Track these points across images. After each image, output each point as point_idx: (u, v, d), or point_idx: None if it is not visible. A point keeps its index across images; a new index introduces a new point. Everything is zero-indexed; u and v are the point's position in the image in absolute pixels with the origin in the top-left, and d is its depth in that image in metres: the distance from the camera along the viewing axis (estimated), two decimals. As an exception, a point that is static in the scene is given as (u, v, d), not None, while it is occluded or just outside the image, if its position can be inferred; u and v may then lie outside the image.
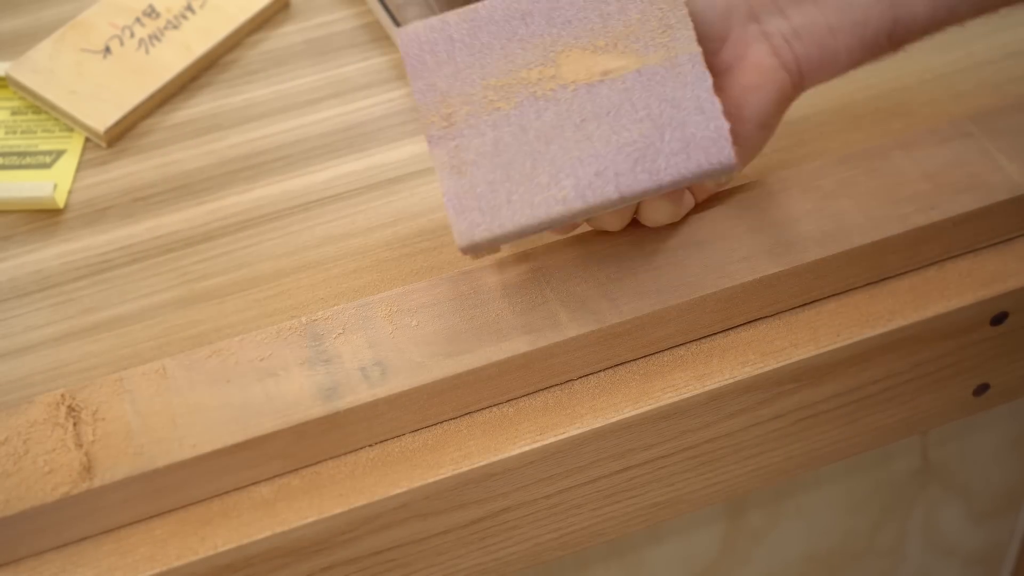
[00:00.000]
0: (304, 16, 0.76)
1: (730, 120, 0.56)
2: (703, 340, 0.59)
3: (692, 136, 0.54)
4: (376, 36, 0.75)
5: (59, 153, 0.69)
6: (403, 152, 0.68)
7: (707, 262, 0.58)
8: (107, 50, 0.72)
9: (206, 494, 0.54)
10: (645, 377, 0.58)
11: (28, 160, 0.69)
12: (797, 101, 0.60)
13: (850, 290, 0.61)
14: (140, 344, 0.60)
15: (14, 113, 0.71)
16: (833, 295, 0.61)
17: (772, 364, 0.58)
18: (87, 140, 0.70)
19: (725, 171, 0.54)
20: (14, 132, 0.70)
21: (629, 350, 0.58)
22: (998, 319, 0.62)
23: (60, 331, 0.61)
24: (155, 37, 0.73)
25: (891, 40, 0.57)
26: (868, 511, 0.80)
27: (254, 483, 0.55)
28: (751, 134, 0.57)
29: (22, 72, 0.71)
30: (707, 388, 0.57)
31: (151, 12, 0.74)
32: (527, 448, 0.56)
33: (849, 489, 0.77)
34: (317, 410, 0.54)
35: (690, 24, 0.55)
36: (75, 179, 0.68)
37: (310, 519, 0.54)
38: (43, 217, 0.66)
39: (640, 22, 0.56)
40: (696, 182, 0.55)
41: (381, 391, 0.54)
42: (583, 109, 0.55)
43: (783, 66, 0.57)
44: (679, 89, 0.55)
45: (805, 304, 0.61)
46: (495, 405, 0.57)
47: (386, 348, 0.56)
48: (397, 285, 0.61)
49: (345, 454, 0.56)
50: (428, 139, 0.55)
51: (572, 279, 0.58)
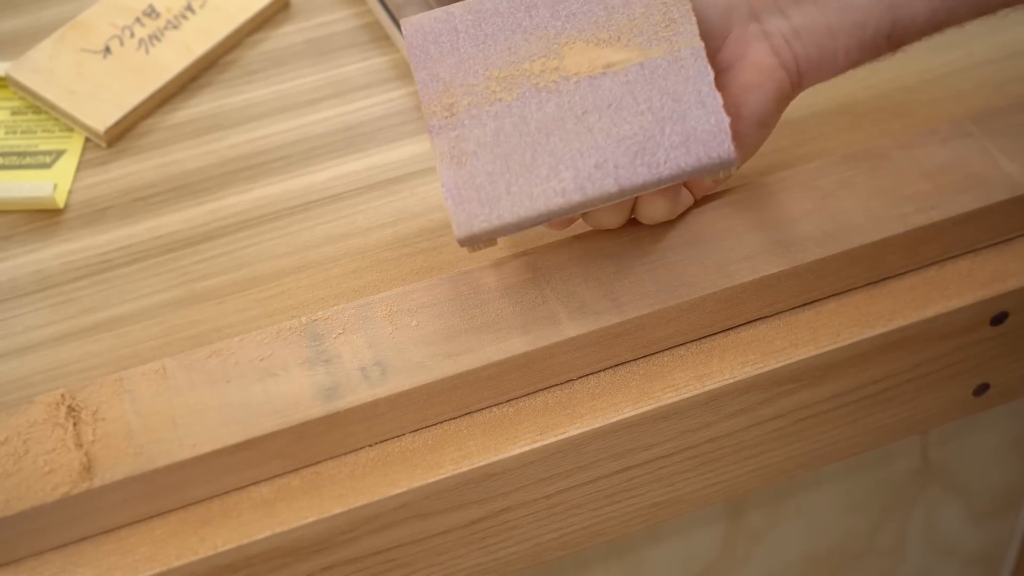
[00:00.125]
0: (304, 16, 0.76)
1: (729, 118, 0.56)
2: (703, 340, 0.59)
3: (692, 130, 0.54)
4: (376, 36, 0.75)
5: (59, 153, 0.69)
6: (403, 152, 0.68)
7: (707, 262, 0.58)
8: (107, 50, 0.72)
9: (206, 494, 0.54)
10: (645, 377, 0.58)
11: (28, 160, 0.68)
12: (797, 101, 0.60)
13: (850, 290, 0.61)
14: (140, 344, 0.60)
15: (14, 113, 0.71)
16: (833, 295, 0.61)
17: (772, 364, 0.58)
18: (87, 140, 0.70)
19: (724, 166, 0.54)
20: (14, 132, 0.70)
21: (629, 350, 0.58)
22: (998, 319, 0.62)
23: (60, 331, 0.61)
24: (155, 37, 0.73)
25: (890, 41, 0.58)
26: (868, 511, 0.80)
27: (254, 483, 0.55)
28: (750, 132, 0.57)
29: (22, 72, 0.71)
30: (707, 388, 0.57)
31: (151, 12, 0.74)
32: (527, 448, 0.56)
33: (849, 489, 0.77)
34: (317, 410, 0.54)
35: (693, 19, 0.55)
36: (75, 179, 0.68)
37: (310, 519, 0.54)
38: (43, 217, 0.66)
39: (644, 16, 0.56)
40: (695, 176, 0.55)
41: (381, 391, 0.54)
42: (585, 101, 0.55)
43: (782, 65, 0.57)
44: (681, 83, 0.55)
45: (805, 304, 0.61)
46: (495, 405, 0.57)
47: (386, 348, 0.56)
48: (397, 285, 0.61)
49: (345, 454, 0.56)
50: (429, 129, 0.55)
51: (572, 279, 0.58)
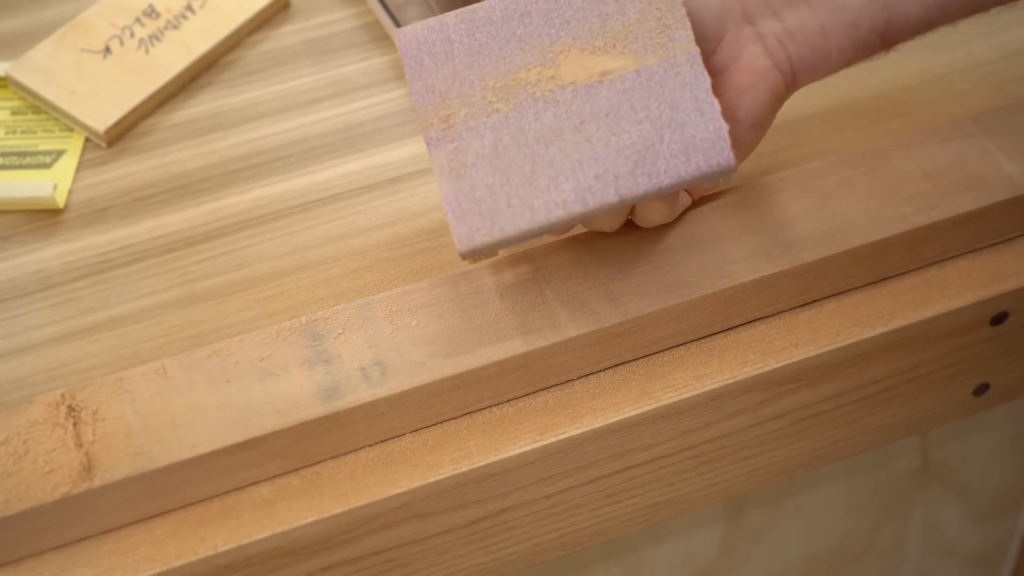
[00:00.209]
0: (304, 16, 0.76)
1: (725, 121, 0.56)
2: (703, 340, 0.59)
3: (691, 138, 0.54)
4: (376, 36, 0.75)
5: (59, 153, 0.69)
6: (403, 152, 0.68)
7: (707, 262, 0.58)
8: (107, 50, 0.72)
9: (206, 494, 0.54)
10: (645, 377, 0.58)
11: (28, 160, 0.68)
12: (797, 101, 0.60)
13: (850, 290, 0.61)
14: (140, 344, 0.60)
15: (14, 113, 0.71)
16: (833, 295, 0.61)
17: (772, 364, 0.58)
18: (87, 140, 0.70)
19: (724, 173, 0.54)
20: (14, 132, 0.70)
21: (629, 350, 0.58)
22: (998, 319, 0.62)
23: (60, 331, 0.61)
24: (155, 37, 0.73)
25: (883, 40, 0.57)
26: (868, 511, 0.80)
27: (254, 483, 0.55)
28: (745, 135, 0.57)
29: (22, 72, 0.71)
30: (707, 388, 0.57)
31: (151, 12, 0.74)
32: (527, 448, 0.56)
33: (849, 489, 0.77)
34: (317, 410, 0.54)
35: (688, 24, 0.55)
36: (75, 179, 0.68)
37: (310, 519, 0.54)
38: (43, 217, 0.66)
39: (638, 22, 0.55)
40: (695, 184, 0.55)
41: (381, 391, 0.54)
42: (582, 110, 0.55)
43: (776, 67, 0.57)
44: (678, 90, 0.55)
45: (805, 304, 0.61)
46: (495, 405, 0.57)
47: (386, 348, 0.56)
48: (397, 285, 0.61)
49: (345, 454, 0.56)
50: (426, 141, 0.55)
51: (572, 279, 0.58)
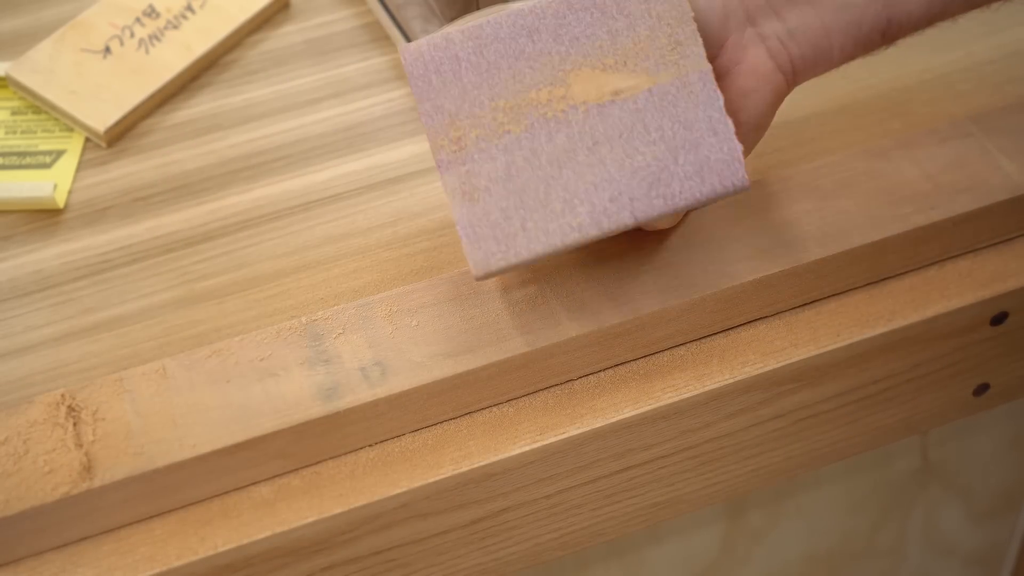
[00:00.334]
0: (304, 16, 0.76)
1: (742, 145, 0.56)
2: (703, 340, 0.59)
3: (706, 159, 0.54)
4: (376, 36, 0.75)
5: (59, 153, 0.69)
6: (403, 152, 0.68)
7: (707, 262, 0.58)
8: (107, 50, 0.72)
9: (206, 494, 0.54)
10: (645, 377, 0.58)
11: (28, 160, 0.68)
12: (798, 101, 0.60)
13: (850, 290, 0.61)
14: (140, 344, 0.60)
15: (14, 113, 0.71)
16: (833, 295, 0.61)
17: (772, 364, 0.58)
18: (87, 140, 0.70)
19: (738, 192, 0.54)
20: (14, 132, 0.70)
21: (629, 350, 0.58)
22: (998, 319, 0.62)
23: (60, 331, 0.61)
24: (155, 37, 0.73)
25: (885, 37, 0.58)
26: (868, 511, 0.80)
27: (254, 483, 0.55)
28: (746, 137, 0.57)
29: (22, 72, 0.71)
30: (707, 388, 0.57)
31: (151, 12, 0.74)
32: (527, 448, 0.56)
33: (849, 489, 0.77)
34: (317, 410, 0.54)
35: (699, 40, 0.55)
36: (75, 179, 0.68)
37: (310, 519, 0.54)
38: (43, 217, 0.66)
39: (649, 39, 0.55)
40: (709, 203, 0.55)
41: (381, 391, 0.54)
42: (595, 131, 0.54)
43: (779, 68, 0.57)
44: (691, 109, 0.54)
45: (805, 304, 0.61)
46: (495, 405, 0.57)
47: (386, 348, 0.56)
48: (397, 285, 0.61)
49: (345, 454, 0.56)
50: (438, 164, 0.54)
51: (572, 279, 0.58)
